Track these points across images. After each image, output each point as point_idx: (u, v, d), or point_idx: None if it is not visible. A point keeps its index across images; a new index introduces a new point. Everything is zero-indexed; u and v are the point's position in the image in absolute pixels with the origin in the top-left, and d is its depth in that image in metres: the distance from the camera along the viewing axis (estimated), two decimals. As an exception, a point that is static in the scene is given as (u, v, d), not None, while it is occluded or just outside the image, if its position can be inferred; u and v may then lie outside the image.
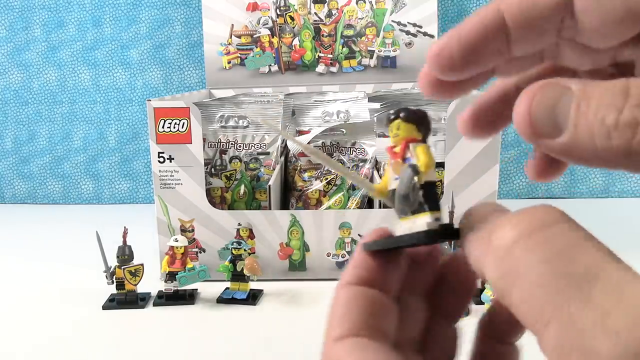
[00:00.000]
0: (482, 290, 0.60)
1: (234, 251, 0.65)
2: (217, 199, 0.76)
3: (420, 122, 0.21)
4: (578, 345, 0.13)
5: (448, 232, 0.20)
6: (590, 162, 0.17)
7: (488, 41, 0.20)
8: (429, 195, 0.20)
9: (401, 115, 0.21)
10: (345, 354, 0.19)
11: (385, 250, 0.22)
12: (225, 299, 0.65)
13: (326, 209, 0.76)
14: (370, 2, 0.97)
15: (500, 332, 0.23)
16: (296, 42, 0.98)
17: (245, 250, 0.65)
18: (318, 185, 0.78)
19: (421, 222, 0.20)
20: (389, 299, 0.22)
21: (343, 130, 0.81)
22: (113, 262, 0.64)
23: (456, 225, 0.20)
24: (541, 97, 0.17)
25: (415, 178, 0.20)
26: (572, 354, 0.14)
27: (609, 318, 0.13)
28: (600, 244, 0.15)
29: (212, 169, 0.77)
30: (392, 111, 0.22)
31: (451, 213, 0.68)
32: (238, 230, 0.70)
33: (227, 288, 0.66)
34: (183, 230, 0.71)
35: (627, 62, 0.20)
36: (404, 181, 0.21)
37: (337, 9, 0.97)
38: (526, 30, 0.19)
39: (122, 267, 0.64)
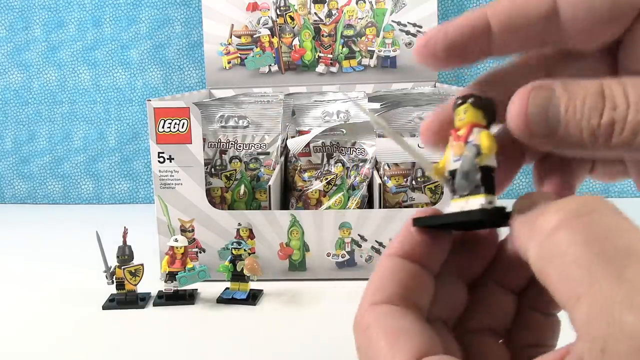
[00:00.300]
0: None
1: (234, 251, 0.65)
2: (217, 199, 0.76)
3: (487, 109, 0.22)
4: (606, 319, 0.14)
5: (500, 214, 0.21)
6: (578, 153, 0.20)
7: (472, 41, 0.22)
8: (486, 178, 0.21)
9: (470, 100, 0.22)
10: (376, 318, 0.21)
11: (434, 227, 0.23)
12: (225, 299, 0.65)
13: (326, 209, 0.76)
14: (370, 2, 0.97)
15: (541, 303, 0.24)
16: (296, 42, 0.98)
17: (245, 250, 0.65)
18: (318, 185, 0.78)
19: (475, 202, 0.21)
20: (428, 275, 0.23)
21: (343, 130, 0.81)
22: (113, 262, 0.64)
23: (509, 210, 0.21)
24: (533, 101, 0.20)
25: (477, 159, 0.21)
26: (600, 326, 0.14)
27: (638, 295, 0.14)
28: (638, 230, 0.16)
29: (212, 169, 0.77)
30: (460, 95, 0.23)
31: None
32: (238, 230, 0.70)
33: (227, 288, 0.66)
34: (183, 230, 0.71)
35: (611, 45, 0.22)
36: (467, 159, 0.22)
37: (337, 9, 0.97)
38: (509, 37, 0.21)
39: (122, 267, 0.64)
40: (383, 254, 0.23)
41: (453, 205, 0.23)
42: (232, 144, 0.78)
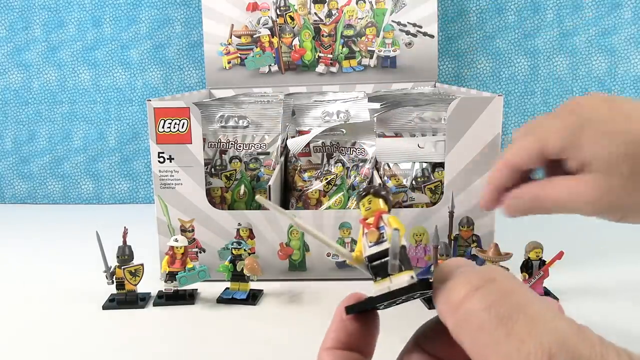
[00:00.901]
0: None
1: (234, 251, 0.65)
2: (217, 199, 0.76)
3: (386, 197, 0.26)
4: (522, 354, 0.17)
5: (428, 285, 0.23)
6: None
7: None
8: (405, 256, 0.24)
9: (371, 191, 0.26)
10: None
11: (363, 312, 0.25)
12: (225, 299, 0.65)
13: (326, 209, 0.76)
14: (370, 2, 0.97)
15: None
16: (296, 42, 0.98)
17: (245, 250, 0.65)
18: (318, 185, 0.78)
19: (403, 278, 0.24)
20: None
21: (343, 130, 0.81)
22: (113, 262, 0.64)
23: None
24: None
25: (403, 240, 0.24)
26: None
27: (523, 345, 0.17)
28: (529, 290, 0.20)
29: (212, 169, 0.77)
30: (362, 189, 0.26)
31: (451, 213, 0.68)
32: (238, 230, 0.70)
33: (227, 288, 0.66)
34: (183, 230, 0.71)
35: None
36: (395, 242, 0.24)
37: (337, 9, 0.97)
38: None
39: (122, 267, 0.64)
40: (321, 349, 0.24)
41: (377, 287, 0.24)
42: (232, 144, 0.78)
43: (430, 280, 0.23)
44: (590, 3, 1.04)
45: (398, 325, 0.29)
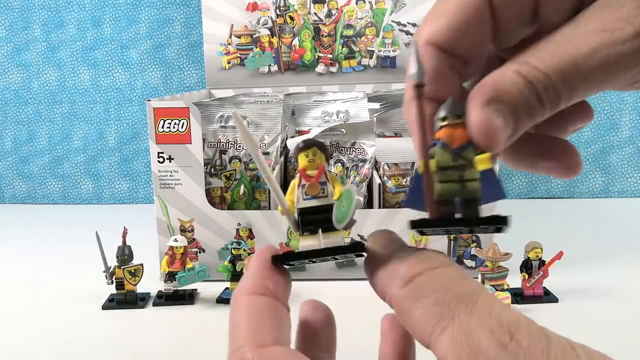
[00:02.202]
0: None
1: (233, 251, 0.65)
2: (216, 199, 0.76)
3: (327, 152, 0.25)
4: (468, 343, 0.18)
5: (360, 249, 0.23)
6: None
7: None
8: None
9: (317, 143, 0.25)
10: (280, 359, 0.21)
11: (287, 262, 0.24)
12: (225, 299, 0.65)
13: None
14: (370, 2, 0.97)
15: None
16: (296, 42, 0.98)
17: (244, 250, 0.65)
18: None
19: (334, 239, 0.24)
20: (288, 314, 0.24)
21: (343, 130, 0.81)
22: (113, 262, 0.64)
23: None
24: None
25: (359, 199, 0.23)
26: (464, 349, 0.18)
27: (486, 322, 0.19)
28: (474, 280, 0.21)
29: (212, 169, 0.77)
30: (304, 139, 0.26)
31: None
32: (238, 230, 0.70)
33: (227, 288, 0.66)
34: (183, 230, 0.71)
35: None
36: (352, 200, 0.24)
37: (337, 9, 0.97)
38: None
39: (122, 267, 0.64)
40: (241, 294, 0.23)
41: (305, 242, 0.24)
42: (232, 144, 0.78)
43: (364, 243, 0.23)
44: (590, 3, 1.04)
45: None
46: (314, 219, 0.24)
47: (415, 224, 0.22)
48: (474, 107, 0.20)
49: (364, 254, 0.23)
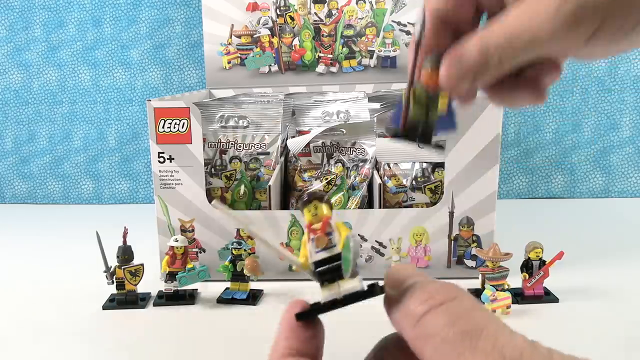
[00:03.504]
0: (482, 290, 0.61)
1: (234, 251, 0.65)
2: (217, 199, 0.76)
3: (329, 202, 0.27)
4: None
5: (379, 290, 0.24)
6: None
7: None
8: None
9: (316, 197, 0.26)
10: None
11: (312, 317, 0.25)
12: (225, 299, 0.65)
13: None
14: (370, 2, 0.97)
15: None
16: (296, 42, 0.98)
17: (245, 250, 0.65)
18: (318, 185, 0.78)
19: (352, 284, 0.25)
20: None
21: (343, 130, 0.81)
22: (113, 262, 0.64)
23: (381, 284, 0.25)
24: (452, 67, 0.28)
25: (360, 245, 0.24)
26: None
27: (488, 357, 0.19)
28: (486, 309, 0.22)
29: (212, 169, 0.77)
30: (305, 196, 0.27)
31: (451, 214, 0.68)
32: (238, 230, 0.70)
33: (227, 288, 0.66)
34: (183, 230, 0.71)
35: None
36: (356, 247, 0.25)
37: (337, 9, 0.97)
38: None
39: (122, 267, 0.64)
40: (273, 358, 0.25)
41: (326, 292, 0.25)
42: (232, 144, 0.78)
43: (381, 286, 0.24)
44: (590, 3, 1.04)
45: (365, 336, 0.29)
46: (329, 269, 0.25)
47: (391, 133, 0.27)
48: (444, 63, 0.28)
49: (381, 294, 0.24)
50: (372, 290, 0.24)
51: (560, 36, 0.24)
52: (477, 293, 0.61)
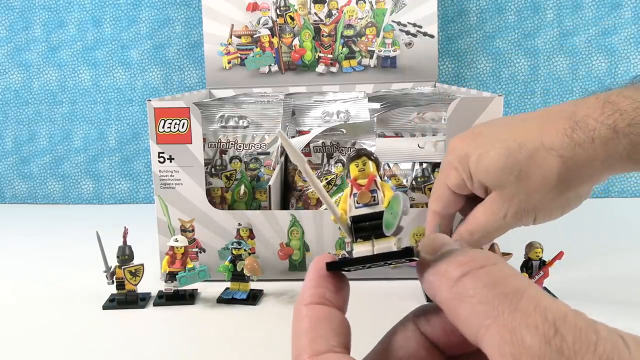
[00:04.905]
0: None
1: (234, 251, 0.65)
2: (217, 199, 0.76)
3: (378, 162, 0.27)
4: (511, 338, 0.19)
5: (412, 253, 0.24)
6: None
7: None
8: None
9: (366, 153, 0.26)
10: None
11: (343, 269, 0.25)
12: (225, 299, 0.65)
13: (326, 209, 0.76)
14: (370, 2, 0.97)
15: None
16: (296, 42, 0.98)
17: (245, 250, 0.65)
18: (318, 185, 0.78)
19: (387, 244, 0.25)
20: (346, 319, 0.24)
21: (343, 130, 0.81)
22: (113, 262, 0.64)
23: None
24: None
25: (407, 205, 0.24)
26: (508, 346, 0.19)
27: (529, 318, 0.19)
28: (524, 276, 0.22)
29: (212, 169, 0.77)
30: (357, 149, 0.27)
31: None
32: (238, 230, 0.70)
33: (227, 288, 0.66)
34: (183, 230, 0.71)
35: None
36: (405, 206, 0.24)
37: (337, 9, 0.97)
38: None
39: (122, 267, 0.64)
40: (299, 304, 0.25)
41: (359, 248, 0.25)
42: (232, 144, 0.78)
43: (417, 249, 0.24)
44: (590, 3, 1.04)
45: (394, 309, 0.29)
46: (366, 226, 0.25)
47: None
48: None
49: (416, 258, 0.24)
50: (407, 252, 0.24)
51: (511, 226, 0.44)
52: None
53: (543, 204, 0.39)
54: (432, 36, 0.96)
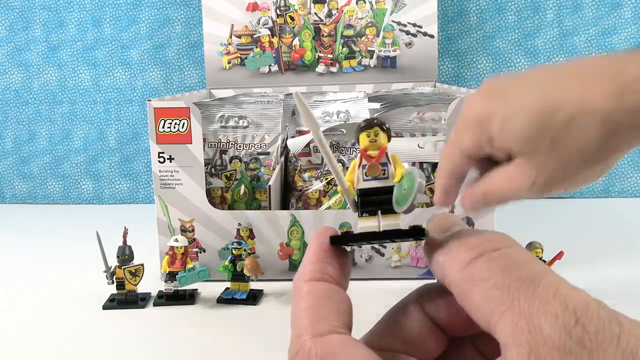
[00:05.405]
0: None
1: (234, 251, 0.65)
2: (217, 199, 0.76)
3: (389, 133, 0.25)
4: (528, 327, 0.18)
5: (420, 233, 0.23)
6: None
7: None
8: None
9: (379, 123, 0.24)
10: (337, 348, 0.20)
11: (346, 244, 0.24)
12: (225, 299, 0.65)
13: (326, 209, 0.76)
14: (370, 2, 0.97)
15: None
16: (296, 42, 0.98)
17: (245, 250, 0.65)
18: (318, 185, 0.78)
19: (394, 221, 0.23)
20: (347, 296, 0.23)
21: (343, 130, 0.81)
22: (113, 262, 0.64)
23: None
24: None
25: (422, 181, 0.22)
26: (524, 334, 0.17)
27: (549, 306, 0.18)
28: (540, 261, 0.21)
29: (212, 169, 0.77)
30: (368, 118, 0.25)
31: (451, 213, 0.68)
32: (238, 230, 0.70)
33: (227, 288, 0.66)
34: (183, 230, 0.71)
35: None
36: (420, 184, 0.23)
37: (337, 9, 0.97)
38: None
39: (122, 267, 0.64)
40: (299, 280, 0.23)
41: (364, 223, 0.24)
42: (232, 144, 0.78)
43: (424, 228, 0.23)
44: (590, 3, 1.04)
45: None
46: (373, 200, 0.24)
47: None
48: (463, 197, 0.38)
49: (424, 238, 0.23)
50: (416, 231, 0.22)
51: (533, 195, 0.35)
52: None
53: (574, 174, 0.35)
54: (432, 36, 0.96)
